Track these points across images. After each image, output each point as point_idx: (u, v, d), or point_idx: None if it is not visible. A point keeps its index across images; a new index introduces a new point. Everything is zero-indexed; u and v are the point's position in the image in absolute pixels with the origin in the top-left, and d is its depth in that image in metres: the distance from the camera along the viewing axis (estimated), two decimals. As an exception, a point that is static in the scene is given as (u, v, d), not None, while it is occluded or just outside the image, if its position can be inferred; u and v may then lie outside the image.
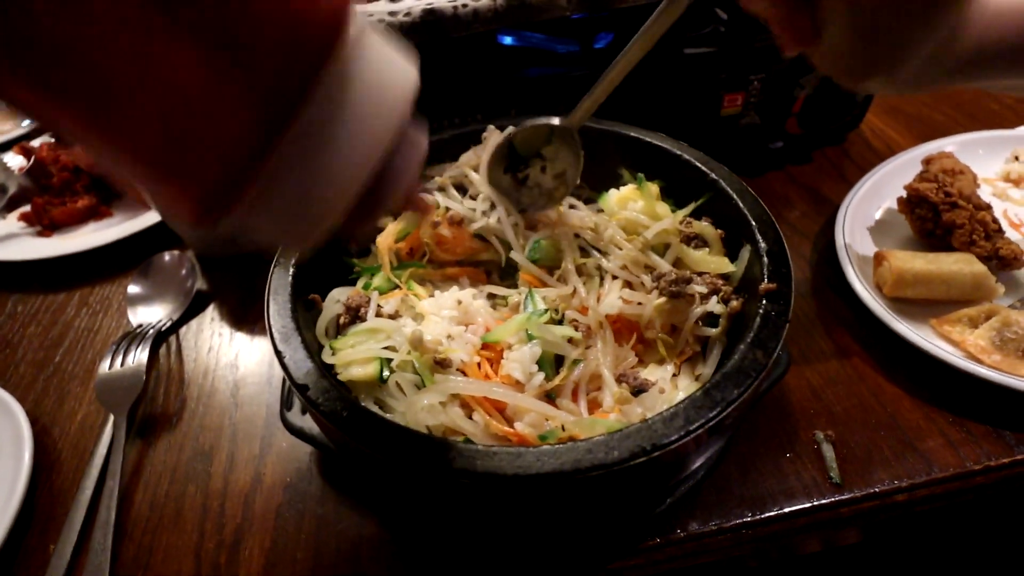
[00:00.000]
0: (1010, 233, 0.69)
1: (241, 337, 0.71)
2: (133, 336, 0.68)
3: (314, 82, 0.24)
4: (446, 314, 0.47)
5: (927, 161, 0.70)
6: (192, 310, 0.74)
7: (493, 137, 0.59)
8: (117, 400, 0.61)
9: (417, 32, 0.63)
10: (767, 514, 0.51)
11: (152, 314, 0.71)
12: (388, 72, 0.27)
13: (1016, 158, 0.79)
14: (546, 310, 0.46)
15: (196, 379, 0.67)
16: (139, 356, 0.65)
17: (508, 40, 0.83)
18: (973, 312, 0.60)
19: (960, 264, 0.62)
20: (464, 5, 0.63)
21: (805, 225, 0.78)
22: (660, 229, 0.53)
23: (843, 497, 0.51)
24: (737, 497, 0.52)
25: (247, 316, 0.74)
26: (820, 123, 0.85)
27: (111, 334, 0.72)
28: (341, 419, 0.38)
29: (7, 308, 0.77)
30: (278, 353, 0.43)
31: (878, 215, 0.74)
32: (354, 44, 0.25)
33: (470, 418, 0.41)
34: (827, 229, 0.76)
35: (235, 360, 0.68)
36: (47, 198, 0.86)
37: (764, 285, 0.44)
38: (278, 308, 0.46)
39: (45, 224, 0.85)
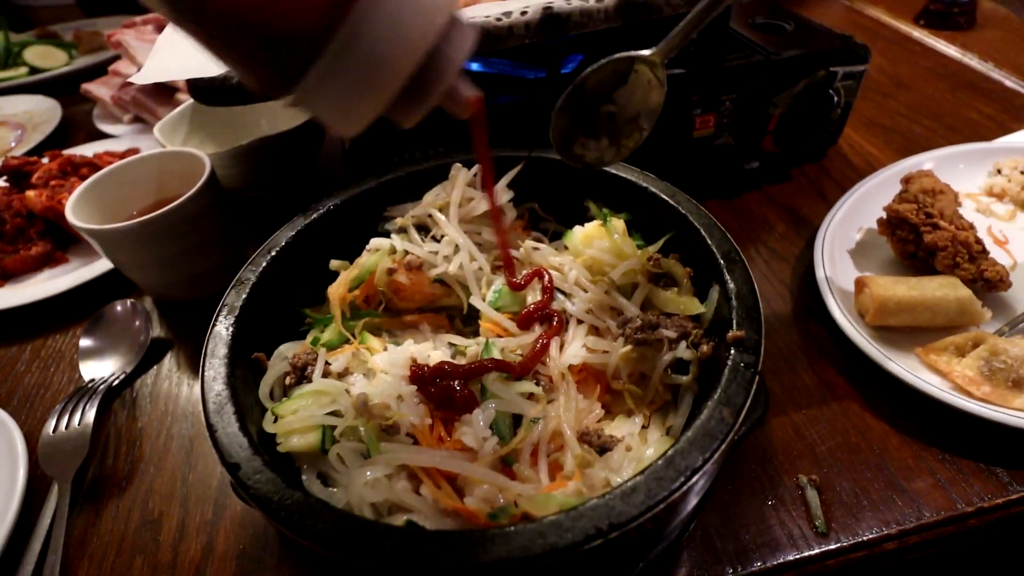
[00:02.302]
0: (995, 251, 0.67)
1: (198, 389, 0.67)
2: (82, 394, 0.64)
3: None
4: (397, 372, 0.44)
5: (906, 180, 0.67)
6: (148, 360, 0.71)
7: (461, 176, 0.56)
8: (61, 466, 0.58)
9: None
10: (750, 569, 0.48)
11: (103, 368, 0.68)
12: None
13: (999, 171, 0.77)
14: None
15: (149, 436, 0.63)
16: (86, 417, 0.61)
17: (474, 66, 0.81)
18: (960, 340, 0.57)
19: (944, 289, 0.59)
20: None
21: (785, 248, 0.75)
22: (626, 269, 0.50)
23: (830, 548, 0.48)
24: (719, 552, 0.49)
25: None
26: (797, 140, 0.82)
27: (62, 390, 0.69)
28: (270, 505, 0.34)
29: (-46, 364, 0.73)
30: (209, 427, 0.39)
31: (858, 236, 0.71)
32: None
33: (418, 492, 0.38)
34: (807, 252, 0.73)
35: (192, 413, 0.65)
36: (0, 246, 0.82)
37: (733, 333, 0.41)
38: (214, 374, 0.43)
39: (-3, 273, 0.81)
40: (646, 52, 0.45)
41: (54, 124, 1.17)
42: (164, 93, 1.04)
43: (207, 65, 0.59)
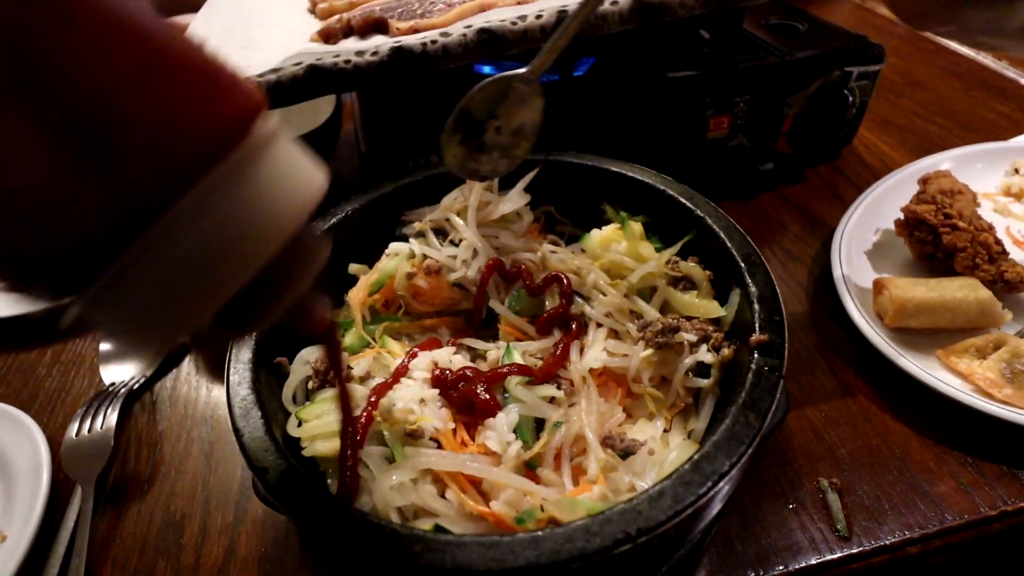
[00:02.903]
0: (1014, 252, 0.66)
1: (218, 392, 0.68)
2: (104, 397, 0.65)
3: (189, 185, 0.22)
4: (419, 376, 0.45)
5: (924, 181, 0.67)
6: (167, 364, 0.71)
7: (477, 184, 0.57)
8: (84, 469, 0.58)
9: (386, 71, 0.61)
10: (772, 573, 0.48)
11: (124, 372, 0.69)
12: (285, 181, 0.25)
13: (1016, 171, 0.76)
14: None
15: (170, 440, 0.64)
16: (108, 420, 0.62)
17: (487, 69, 0.81)
18: (980, 341, 0.57)
19: (964, 291, 0.59)
20: (433, 41, 0.61)
21: (800, 249, 0.75)
22: (645, 272, 0.50)
23: (852, 551, 0.48)
24: (740, 555, 0.48)
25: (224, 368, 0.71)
26: (811, 141, 0.82)
27: (82, 394, 0.70)
28: (298, 509, 0.35)
29: (-24, 368, 0.74)
30: (236, 431, 0.40)
31: (875, 238, 0.71)
32: (250, 150, 0.24)
33: (443, 496, 0.38)
34: (823, 253, 0.73)
35: (211, 417, 0.65)
36: (19, 250, 0.83)
37: (755, 336, 0.41)
38: (239, 378, 0.43)
39: (17, 277, 0.82)
40: (521, 71, 0.49)
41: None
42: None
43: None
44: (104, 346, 0.71)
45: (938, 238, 0.63)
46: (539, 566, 0.31)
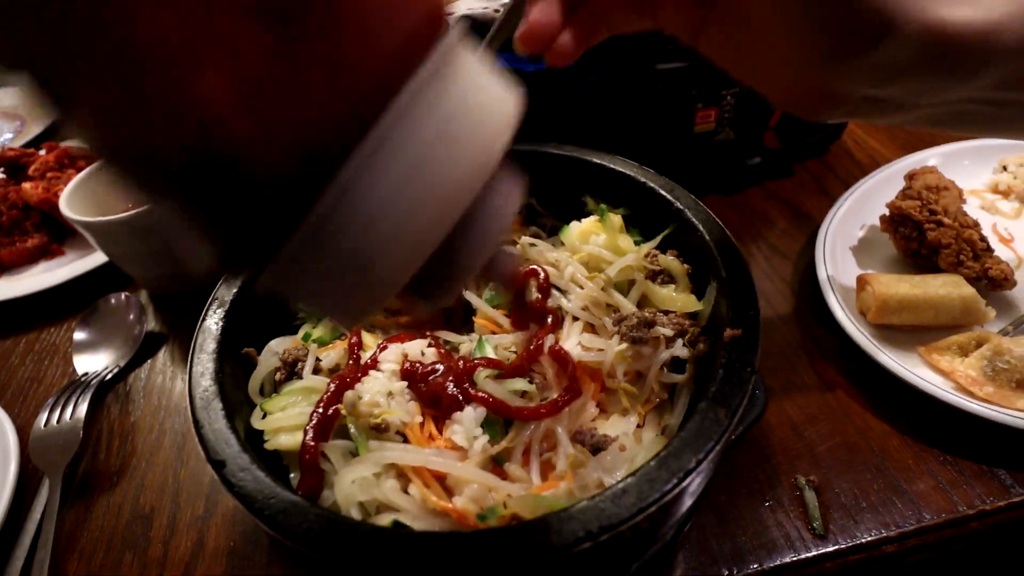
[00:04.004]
0: (999, 249, 0.66)
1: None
2: (75, 387, 0.64)
3: (403, 76, 0.19)
4: (388, 368, 0.44)
5: (910, 176, 0.66)
6: (142, 354, 0.70)
7: None
8: (52, 460, 0.57)
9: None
10: (746, 571, 0.47)
11: (97, 362, 0.67)
12: (487, 92, 0.21)
13: (1004, 168, 0.75)
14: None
15: (142, 431, 0.63)
16: (78, 410, 0.61)
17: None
18: (963, 339, 0.56)
19: (948, 287, 0.58)
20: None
21: (786, 244, 0.74)
22: (623, 265, 0.49)
23: (827, 550, 0.47)
24: (715, 553, 0.48)
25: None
26: (799, 136, 0.81)
27: (55, 383, 0.69)
28: (254, 504, 0.34)
29: (-51, 357, 0.73)
30: (196, 423, 0.39)
31: (861, 234, 0.70)
32: (451, 46, 0.20)
33: (406, 491, 0.37)
34: (808, 249, 0.72)
35: (185, 408, 0.64)
36: (-6, 238, 0.82)
37: (729, 331, 0.40)
38: (202, 369, 0.42)
39: (-7, 266, 0.81)
40: None
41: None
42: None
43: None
44: (78, 335, 0.70)
45: (923, 234, 0.62)
46: (497, 563, 0.30)
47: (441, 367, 0.43)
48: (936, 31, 0.29)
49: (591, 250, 0.51)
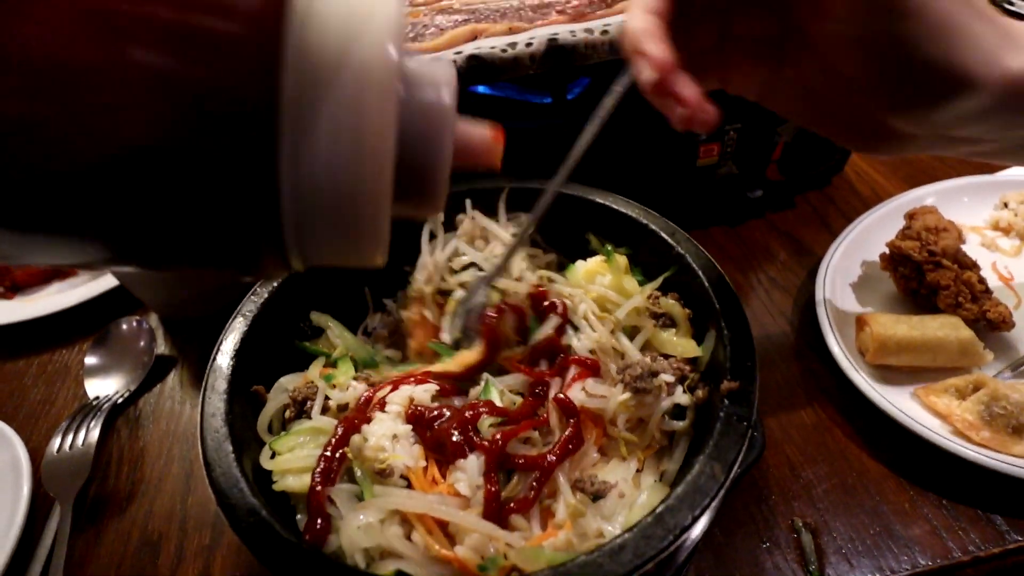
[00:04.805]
0: (998, 288, 0.66)
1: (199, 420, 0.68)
2: (87, 411, 0.65)
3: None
4: (393, 410, 0.45)
5: (910, 216, 0.67)
6: (152, 378, 0.71)
7: (467, 223, 0.57)
8: (63, 486, 0.58)
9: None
10: (743, 613, 0.48)
11: (108, 386, 0.69)
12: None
13: (1005, 205, 0.76)
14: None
15: (151, 457, 0.64)
16: (90, 436, 0.62)
17: (481, 88, 0.81)
18: (960, 382, 0.57)
19: (946, 330, 0.59)
20: (423, 67, 0.61)
21: (786, 278, 0.75)
22: (631, 308, 0.50)
23: (823, 593, 0.48)
24: (711, 594, 0.49)
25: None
26: (802, 169, 0.82)
27: (67, 405, 0.70)
28: (262, 550, 0.35)
29: (-37, 378, 0.75)
30: (207, 464, 0.40)
31: (861, 270, 0.71)
32: None
33: (410, 537, 0.38)
34: (808, 283, 0.73)
35: (193, 435, 0.65)
36: (9, 259, 0.83)
37: (726, 384, 0.41)
38: (212, 409, 0.43)
39: (7, 286, 0.82)
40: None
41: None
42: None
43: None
44: (89, 359, 0.71)
45: (922, 274, 0.63)
46: (498, 618, 0.31)
47: (447, 412, 0.44)
48: (1012, 81, 0.32)
49: (598, 290, 0.52)
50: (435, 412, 0.43)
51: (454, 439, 0.41)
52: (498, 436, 0.42)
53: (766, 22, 0.38)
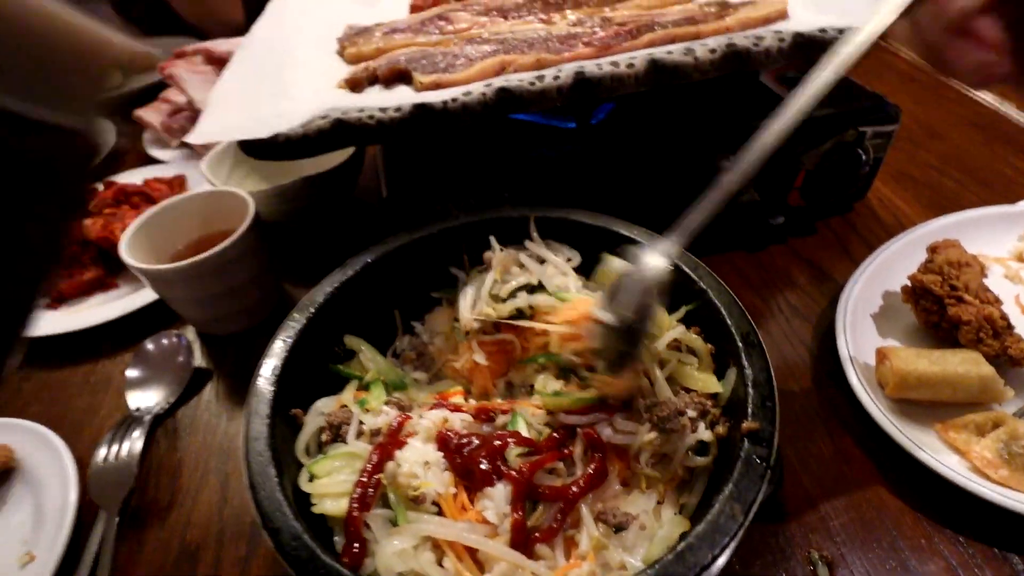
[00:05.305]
0: (1021, 322, 0.66)
1: (235, 424, 0.71)
2: (129, 423, 0.68)
3: None
4: (425, 434, 0.47)
5: (932, 250, 0.68)
6: (190, 389, 0.75)
7: (497, 256, 0.59)
8: (109, 495, 0.62)
9: (408, 127, 0.63)
10: (759, 643, 0.49)
11: (148, 398, 0.72)
12: None
13: (1029, 236, 0.76)
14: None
15: (188, 469, 0.67)
16: (133, 446, 0.65)
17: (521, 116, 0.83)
18: (980, 419, 0.58)
19: (967, 365, 0.59)
20: (454, 100, 0.63)
21: (807, 306, 0.76)
22: (670, 340, 0.52)
23: (838, 627, 0.49)
24: (727, 623, 0.50)
25: (242, 397, 0.73)
26: (823, 196, 0.83)
27: (109, 414, 0.73)
28: (305, 572, 0.37)
29: (12, 386, 0.79)
30: (252, 487, 0.42)
31: (882, 300, 0.71)
32: None
33: (441, 563, 0.40)
34: (829, 312, 0.73)
35: (227, 449, 0.68)
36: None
37: (747, 424, 0.43)
38: (256, 433, 0.46)
39: (53, 297, 0.86)
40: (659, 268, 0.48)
41: (108, 147, 1.23)
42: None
43: (257, 124, 0.63)
44: (131, 372, 0.75)
45: (944, 309, 0.63)
46: (526, 648, 0.33)
47: (476, 440, 0.46)
48: None
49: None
50: (465, 439, 0.46)
51: (482, 467, 0.43)
52: (525, 466, 0.44)
53: None
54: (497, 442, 0.45)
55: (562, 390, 0.51)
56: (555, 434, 0.47)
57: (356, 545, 0.41)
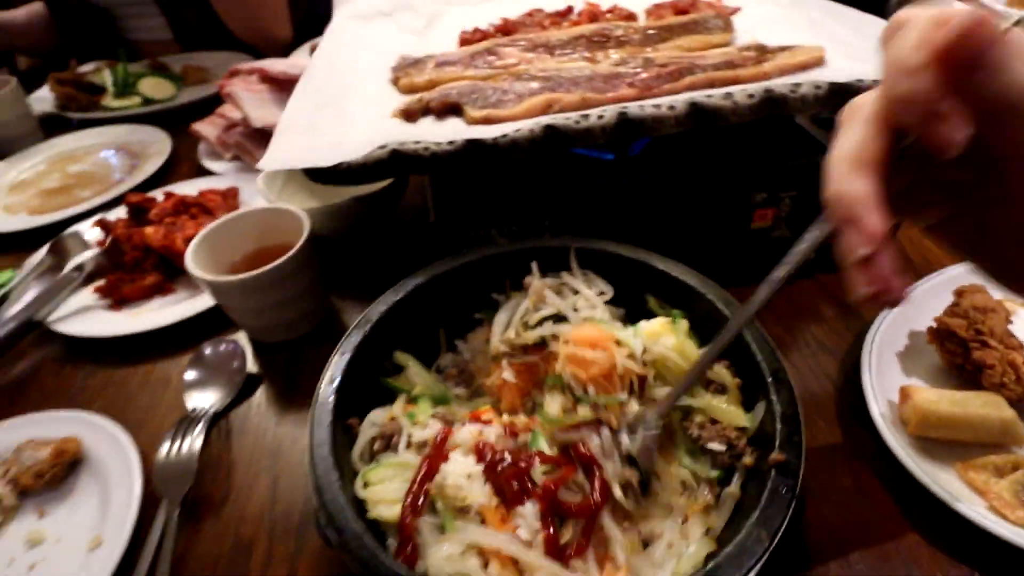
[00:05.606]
0: (1046, 368, 0.68)
1: (284, 428, 0.76)
2: (189, 422, 0.74)
3: None
4: (464, 448, 0.51)
5: (959, 294, 0.70)
6: (242, 394, 0.80)
7: (535, 285, 0.63)
8: (172, 487, 0.67)
9: (460, 159, 0.68)
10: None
11: (205, 399, 0.77)
12: None
13: (1057, 282, 0.77)
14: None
15: (240, 467, 0.72)
16: (193, 444, 0.71)
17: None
18: (1000, 460, 0.60)
19: (988, 408, 0.62)
20: (504, 136, 0.68)
21: (833, 341, 0.79)
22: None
23: (853, 654, 0.52)
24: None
25: (290, 402, 0.79)
26: (852, 234, 0.85)
27: (168, 413, 0.79)
28: (368, 570, 0.41)
29: (78, 382, 0.85)
30: (317, 490, 0.47)
31: (908, 340, 0.74)
32: None
33: (486, 568, 0.44)
34: (855, 347, 0.76)
35: (276, 451, 0.73)
36: (119, 275, 0.94)
37: (774, 456, 0.46)
38: (319, 440, 0.50)
39: (116, 299, 0.93)
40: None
41: (165, 156, 1.30)
42: (263, 139, 1.15)
43: (321, 153, 0.68)
44: (188, 375, 0.80)
45: (968, 352, 0.66)
46: (567, 651, 0.37)
47: (508, 457, 0.49)
48: None
49: (661, 351, 0.57)
50: (498, 456, 0.49)
51: (514, 487, 0.47)
52: (549, 483, 0.48)
53: (965, 171, 0.37)
54: (523, 463, 0.49)
55: (562, 411, 0.55)
56: (564, 453, 0.50)
57: (409, 548, 0.45)
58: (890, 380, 0.69)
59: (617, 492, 0.48)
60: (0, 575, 0.64)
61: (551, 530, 0.46)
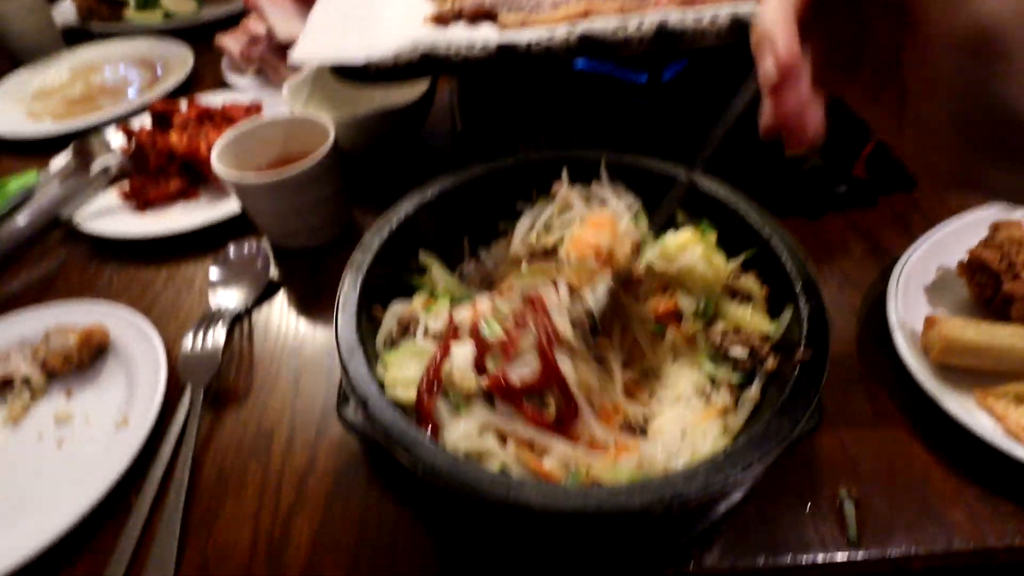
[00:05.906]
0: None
1: (305, 328, 0.77)
2: (213, 318, 0.75)
3: None
4: (465, 336, 0.51)
5: (995, 227, 0.68)
6: (264, 296, 0.81)
7: (563, 191, 0.62)
8: (197, 374, 0.68)
9: (491, 64, 0.66)
10: (781, 561, 0.53)
11: (228, 298, 0.78)
12: None
13: (1097, 227, 0.75)
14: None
15: (263, 362, 0.73)
16: (217, 338, 0.72)
17: (580, 63, 0.85)
18: (1020, 389, 0.59)
19: (1015, 339, 0.61)
20: (538, 43, 0.66)
21: (859, 275, 0.77)
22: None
23: (858, 558, 0.53)
24: (754, 541, 0.54)
25: (312, 308, 0.80)
26: (890, 169, 0.83)
27: (192, 312, 0.80)
28: (392, 438, 0.42)
29: (104, 278, 0.86)
30: (343, 365, 0.48)
31: (936, 275, 0.73)
32: None
33: (503, 446, 0.45)
34: (880, 282, 0.75)
35: (298, 349, 0.75)
36: (143, 179, 0.94)
37: (800, 354, 0.46)
38: (344, 323, 0.51)
39: (141, 202, 0.93)
40: None
41: (187, 70, 1.29)
42: (287, 55, 1.13)
43: (351, 51, 0.66)
44: (212, 274, 0.81)
45: (999, 284, 0.65)
46: (585, 513, 0.38)
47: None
48: None
49: (688, 261, 0.56)
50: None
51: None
52: (498, 374, 0.47)
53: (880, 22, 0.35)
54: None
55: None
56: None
57: (428, 425, 0.46)
58: (916, 311, 0.68)
59: (565, 327, 0.48)
60: (31, 448, 0.66)
61: (529, 412, 0.46)
